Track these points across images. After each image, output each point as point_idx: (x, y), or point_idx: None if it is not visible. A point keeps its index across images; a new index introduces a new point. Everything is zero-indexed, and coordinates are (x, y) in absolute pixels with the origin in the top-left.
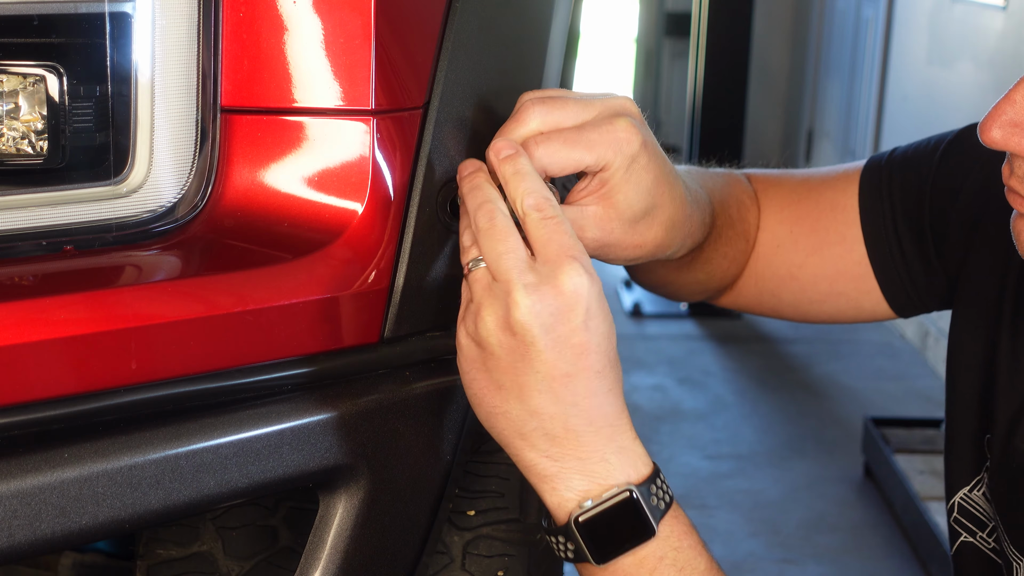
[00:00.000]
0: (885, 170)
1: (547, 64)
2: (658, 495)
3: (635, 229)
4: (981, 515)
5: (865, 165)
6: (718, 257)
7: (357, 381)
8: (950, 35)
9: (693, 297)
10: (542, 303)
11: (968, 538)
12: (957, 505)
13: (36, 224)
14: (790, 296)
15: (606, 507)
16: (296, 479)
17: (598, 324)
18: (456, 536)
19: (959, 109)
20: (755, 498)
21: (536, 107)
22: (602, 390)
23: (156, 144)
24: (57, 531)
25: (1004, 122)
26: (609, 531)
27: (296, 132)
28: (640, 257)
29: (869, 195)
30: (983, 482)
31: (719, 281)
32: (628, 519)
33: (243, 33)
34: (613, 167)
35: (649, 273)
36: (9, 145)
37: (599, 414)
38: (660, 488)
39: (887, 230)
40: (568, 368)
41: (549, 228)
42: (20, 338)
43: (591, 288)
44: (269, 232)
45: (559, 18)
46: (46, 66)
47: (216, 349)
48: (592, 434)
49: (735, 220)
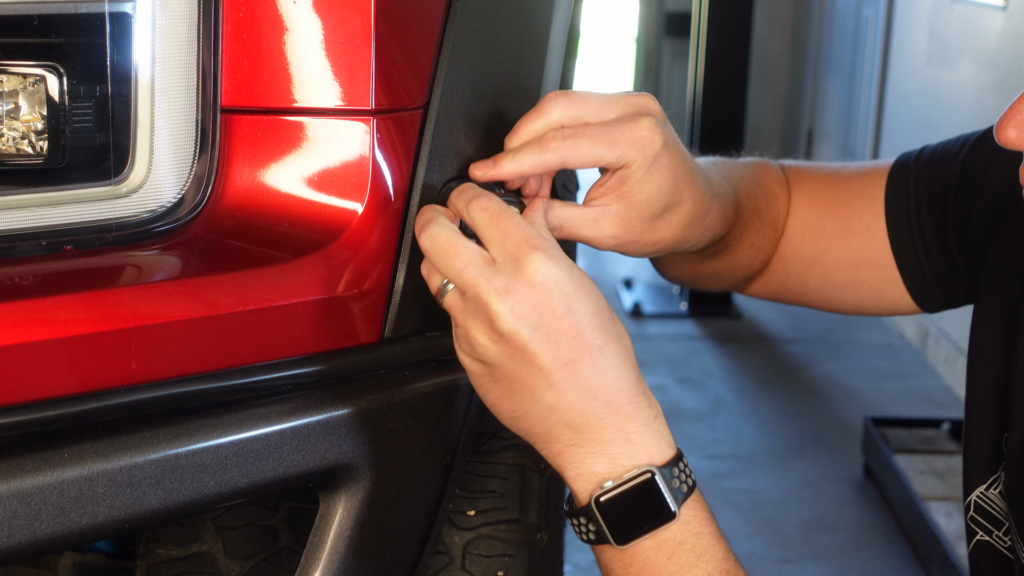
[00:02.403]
0: (913, 166)
1: (547, 64)
2: (680, 478)
3: (654, 226)
4: (998, 514)
5: (895, 161)
6: (743, 247)
7: (357, 381)
8: (950, 35)
9: (721, 286)
10: (520, 303)
11: (984, 536)
12: (974, 503)
13: (36, 224)
14: (815, 280)
15: (627, 487)
16: (296, 479)
17: (582, 303)
18: (456, 536)
19: (959, 109)
20: (755, 498)
21: (559, 99)
22: (610, 366)
23: (156, 144)
24: (57, 531)
25: (1020, 121)
26: (630, 512)
27: (296, 132)
28: (658, 251)
29: (895, 189)
30: (1000, 480)
31: (745, 270)
32: (649, 500)
33: (243, 33)
34: (634, 165)
35: (672, 267)
36: (9, 145)
37: (615, 392)
38: (683, 472)
39: (910, 223)
40: (568, 355)
41: (500, 224)
42: (20, 338)
43: (560, 271)
44: (269, 232)
45: (559, 18)
46: (46, 66)
47: (216, 349)
48: (611, 415)
49: (763, 209)
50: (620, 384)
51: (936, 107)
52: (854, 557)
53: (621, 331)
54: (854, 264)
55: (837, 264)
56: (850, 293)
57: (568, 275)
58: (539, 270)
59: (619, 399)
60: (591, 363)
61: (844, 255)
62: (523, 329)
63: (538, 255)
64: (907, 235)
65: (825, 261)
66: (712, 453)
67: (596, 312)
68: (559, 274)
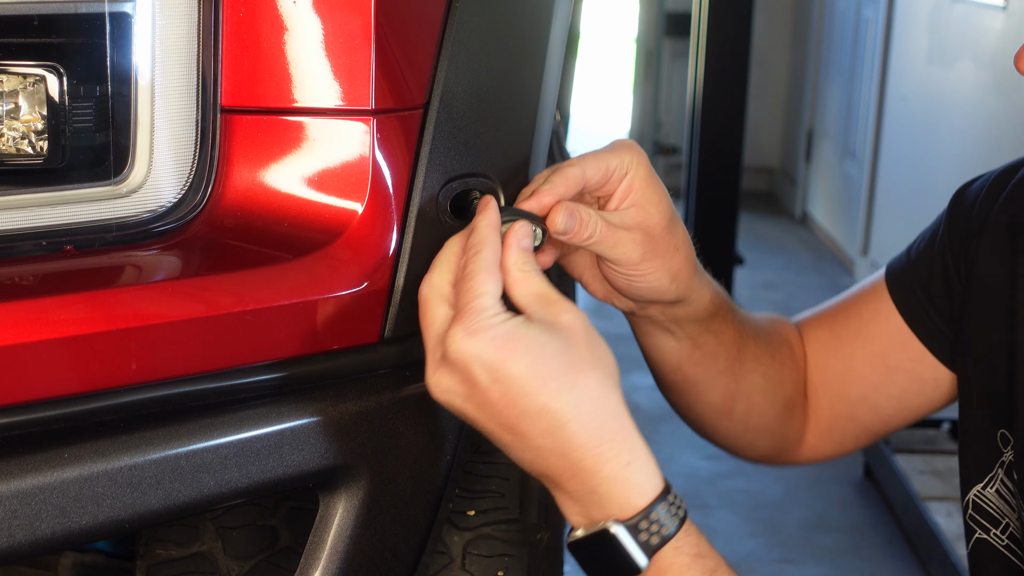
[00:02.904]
0: (903, 259)
1: (547, 64)
2: (651, 530)
3: (670, 229)
4: (995, 512)
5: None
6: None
7: (357, 381)
8: (950, 35)
9: (759, 445)
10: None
11: (982, 535)
12: (972, 502)
13: (36, 224)
14: (856, 392)
15: (590, 539)
16: (296, 479)
17: (509, 369)
18: (456, 536)
19: (959, 109)
20: (755, 498)
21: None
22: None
23: (156, 144)
24: (57, 531)
25: None
26: (599, 562)
27: (296, 132)
28: (677, 267)
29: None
30: (996, 478)
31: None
32: (612, 553)
33: (243, 33)
34: (635, 166)
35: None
36: (9, 145)
37: (571, 448)
38: (655, 523)
39: (913, 289)
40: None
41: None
42: (20, 338)
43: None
44: (269, 232)
45: (559, 18)
46: (46, 66)
47: (216, 349)
48: (571, 469)
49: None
50: (576, 440)
51: (936, 107)
52: (854, 557)
53: (580, 376)
54: (879, 353)
55: (865, 361)
56: (892, 388)
57: (488, 344)
58: (457, 348)
59: (576, 455)
60: (533, 425)
61: (867, 349)
62: (455, 400)
63: (455, 331)
64: (912, 299)
65: (854, 365)
66: (712, 453)
67: (531, 375)
68: (478, 347)
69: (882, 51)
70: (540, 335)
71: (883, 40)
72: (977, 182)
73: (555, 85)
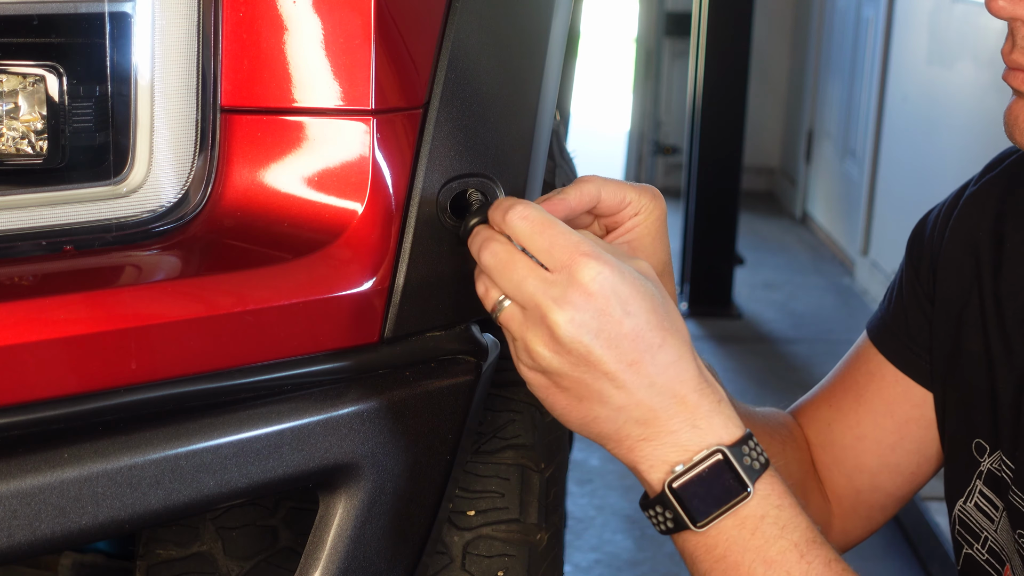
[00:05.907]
0: (879, 314)
1: (547, 64)
2: (751, 455)
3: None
4: (975, 527)
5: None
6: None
7: (357, 381)
8: (950, 35)
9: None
10: (578, 311)
11: (968, 550)
12: (957, 518)
13: (36, 224)
14: (873, 460)
15: (699, 469)
16: (296, 479)
17: (638, 304)
18: (456, 536)
19: (959, 109)
20: None
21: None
22: (671, 360)
23: (156, 144)
24: (57, 531)
25: None
26: (705, 492)
27: (296, 132)
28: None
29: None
30: (975, 491)
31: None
32: (722, 478)
33: (243, 33)
34: (651, 211)
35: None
36: (9, 145)
37: (678, 383)
38: (753, 449)
39: (896, 334)
40: (631, 356)
41: (545, 233)
42: (20, 338)
43: (614, 275)
44: (269, 232)
45: (559, 18)
46: (46, 66)
47: (216, 349)
48: (677, 405)
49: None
50: (682, 375)
51: (936, 107)
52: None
53: (679, 324)
54: (885, 411)
55: (875, 424)
56: (908, 443)
57: (622, 278)
58: (595, 278)
59: (683, 389)
60: (653, 360)
61: (872, 412)
62: (584, 337)
63: (591, 262)
64: (897, 344)
65: (864, 433)
66: None
67: (652, 311)
68: (614, 278)
69: (882, 51)
70: (645, 278)
71: (883, 40)
72: (932, 212)
73: (555, 85)
